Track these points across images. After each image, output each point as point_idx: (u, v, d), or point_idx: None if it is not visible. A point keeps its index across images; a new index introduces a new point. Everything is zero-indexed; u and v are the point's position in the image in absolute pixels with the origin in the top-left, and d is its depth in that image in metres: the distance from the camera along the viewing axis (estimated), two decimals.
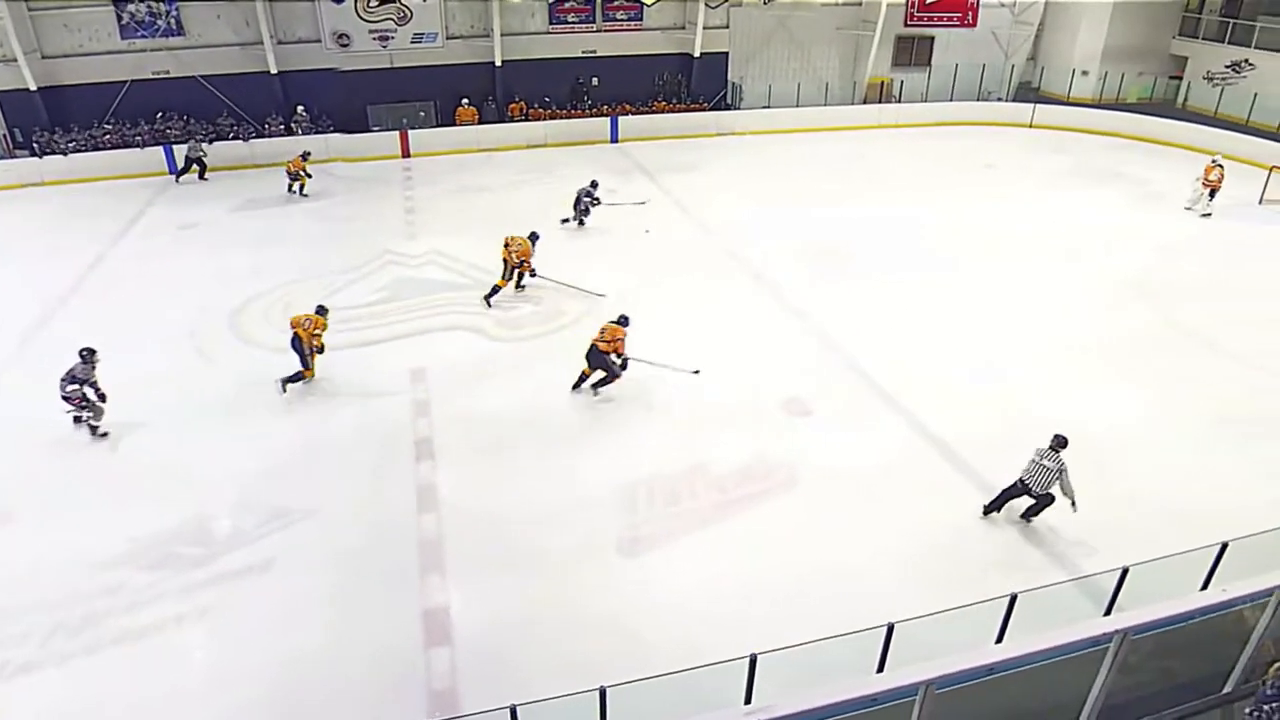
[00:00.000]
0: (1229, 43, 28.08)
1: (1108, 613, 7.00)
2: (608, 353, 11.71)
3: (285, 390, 11.90)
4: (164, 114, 22.82)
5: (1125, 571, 7.05)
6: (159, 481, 10.07)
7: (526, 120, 25.48)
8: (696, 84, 27.44)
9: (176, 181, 21.62)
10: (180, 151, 21.88)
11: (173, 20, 22.61)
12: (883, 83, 29.40)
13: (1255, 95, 26.17)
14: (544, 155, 24.36)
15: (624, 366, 11.86)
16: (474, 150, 24.32)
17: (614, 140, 25.74)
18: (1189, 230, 19.35)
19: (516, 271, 14.97)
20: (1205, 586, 6.63)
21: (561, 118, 25.75)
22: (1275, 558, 7.17)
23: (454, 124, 24.88)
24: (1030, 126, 28.39)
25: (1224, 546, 7.17)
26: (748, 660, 5.55)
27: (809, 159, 24.46)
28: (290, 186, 20.63)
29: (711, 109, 27.41)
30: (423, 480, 10.19)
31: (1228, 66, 27.96)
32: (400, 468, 10.41)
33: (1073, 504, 9.05)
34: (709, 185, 21.74)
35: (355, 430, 11.16)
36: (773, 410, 11.74)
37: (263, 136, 23.17)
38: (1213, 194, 19.98)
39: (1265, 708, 4.68)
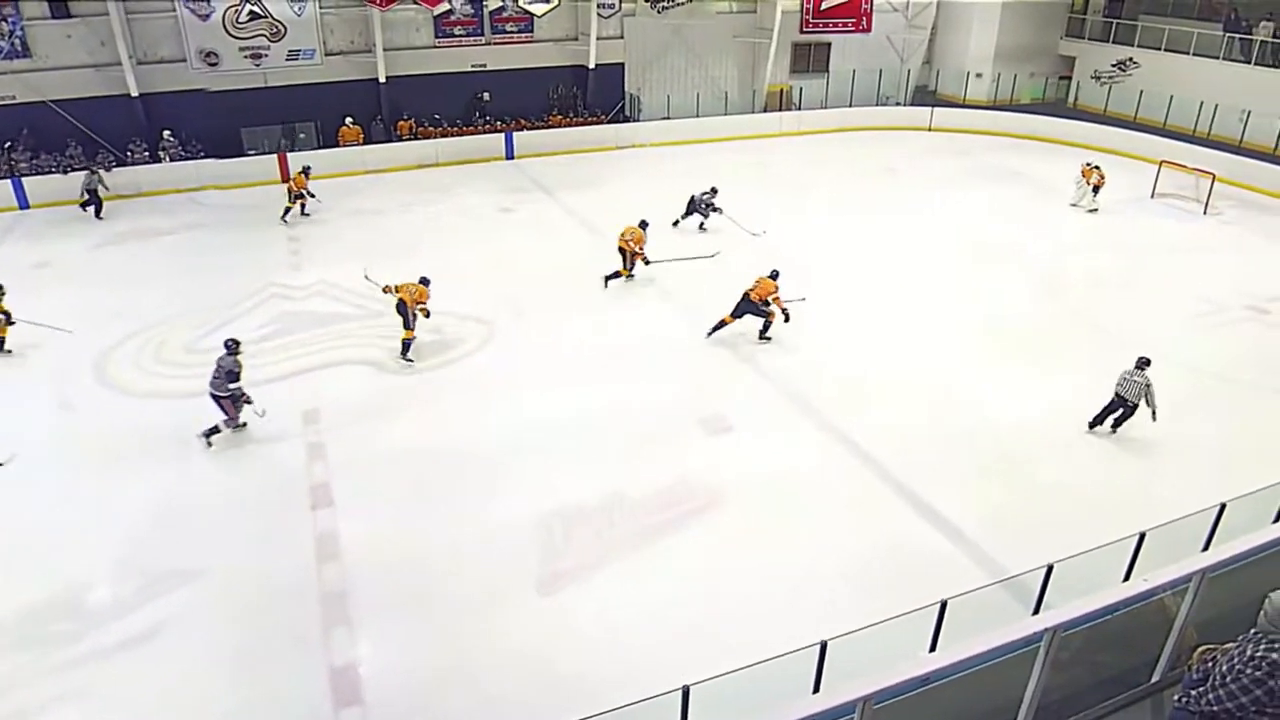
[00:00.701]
0: (1113, 42, 30.02)
1: (1036, 611, 7.29)
2: (759, 300, 13.82)
3: (407, 360, 13.43)
4: (11, 143, 21.64)
5: (1050, 569, 7.36)
6: (21, 549, 9.44)
7: (416, 139, 25.18)
8: (593, 96, 27.65)
9: (96, 216, 20.49)
10: (38, 183, 20.82)
11: (17, 41, 21.50)
12: (782, 90, 30.24)
13: (1141, 93, 27.99)
14: (437, 175, 24.11)
15: (786, 319, 14.06)
16: (361, 172, 23.87)
17: (510, 156, 25.67)
18: (1088, 226, 20.54)
19: (633, 259, 16.49)
20: (1127, 577, 6.96)
21: (453, 135, 25.56)
22: (1192, 543, 7.62)
23: (338, 145, 24.35)
24: (930, 130, 29.63)
25: (1142, 536, 7.57)
26: (680, 692, 5.54)
27: (713, 169, 24.80)
28: (294, 208, 20.33)
29: (610, 121, 27.65)
30: (321, 529, 9.86)
31: (1114, 65, 29.84)
32: (296, 517, 10.05)
33: (1154, 414, 11.29)
34: (612, 200, 21.85)
35: (242, 480, 10.73)
36: (691, 429, 11.84)
37: (125, 165, 22.22)
38: (1096, 190, 21.26)
39: (1192, 692, 4.92)
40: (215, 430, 11.24)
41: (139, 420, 11.86)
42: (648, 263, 16.54)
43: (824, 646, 6.08)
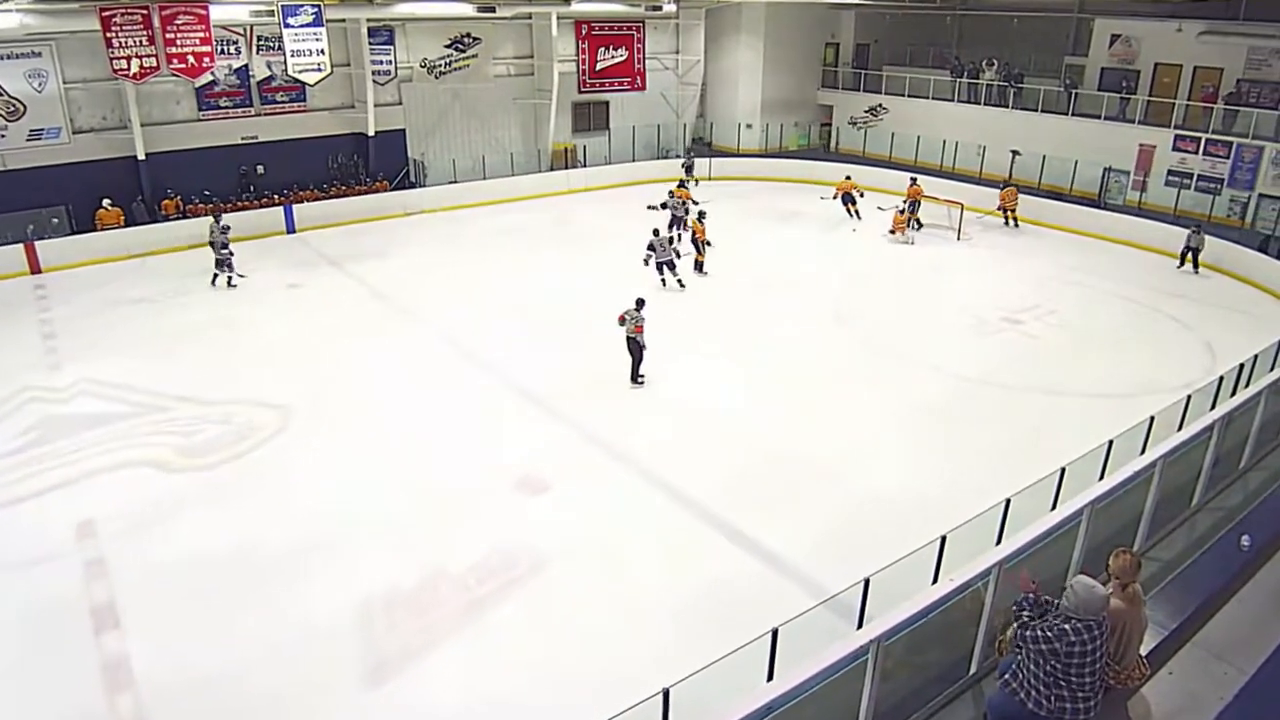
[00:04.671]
0: (864, 91, 33.00)
1: (860, 625, 7.62)
2: None
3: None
4: None
5: (867, 583, 7.73)
6: None
7: (185, 217, 23.61)
8: (375, 164, 27.14)
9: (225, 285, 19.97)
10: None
11: None
12: (567, 148, 30.93)
13: (893, 135, 30.84)
14: (211, 255, 22.60)
15: None
16: (124, 257, 22.03)
17: (290, 230, 24.57)
18: (863, 257, 22.33)
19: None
20: (935, 579, 7.43)
21: (227, 211, 24.19)
22: (986, 537, 8.26)
23: (95, 229, 22.41)
24: (710, 179, 31.12)
25: (943, 540, 8.13)
26: None
27: (507, 230, 24.96)
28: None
29: (395, 188, 27.19)
30: (109, 655, 8.85)
31: (867, 111, 32.75)
32: (77, 645, 8.97)
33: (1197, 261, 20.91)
34: (406, 269, 21.43)
35: (6, 612, 9.46)
36: (506, 494, 11.66)
37: None
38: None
39: (1005, 675, 5.32)
40: None
41: None
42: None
43: (667, 695, 6.06)
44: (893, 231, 23.79)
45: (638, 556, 10.30)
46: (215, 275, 20.10)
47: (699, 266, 20.47)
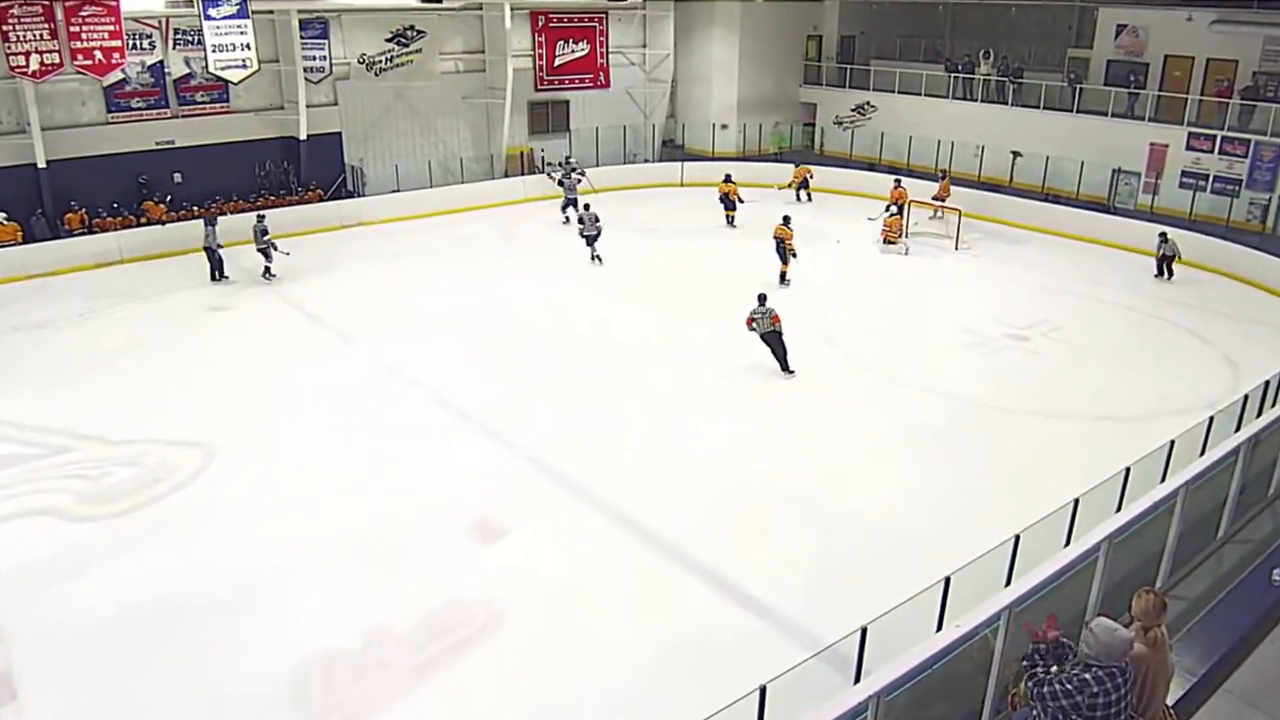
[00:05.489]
0: (850, 87, 33.44)
1: (857, 680, 7.58)
2: None
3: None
4: None
5: (865, 632, 7.70)
6: None
7: (91, 232, 23.33)
8: (307, 171, 27.03)
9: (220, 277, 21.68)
10: None
11: None
12: (523, 153, 30.98)
13: (882, 135, 31.25)
14: (122, 274, 22.36)
15: None
16: (22, 278, 21.67)
17: None
18: (853, 270, 22.51)
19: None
20: (940, 627, 7.42)
21: (137, 225, 23.93)
22: (995, 578, 8.27)
23: None
24: (682, 186, 31.26)
25: (947, 581, 8.13)
26: None
27: (457, 243, 24.92)
28: (733, 215, 26.05)
29: (330, 198, 27.07)
30: None
31: (853, 110, 33.18)
32: None
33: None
34: (342, 287, 21.28)
35: None
36: (459, 539, 11.53)
37: None
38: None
39: None
40: None
41: None
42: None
43: None
44: (887, 241, 23.93)
45: (605, 606, 10.18)
46: (213, 269, 21.62)
47: (783, 278, 20.65)
